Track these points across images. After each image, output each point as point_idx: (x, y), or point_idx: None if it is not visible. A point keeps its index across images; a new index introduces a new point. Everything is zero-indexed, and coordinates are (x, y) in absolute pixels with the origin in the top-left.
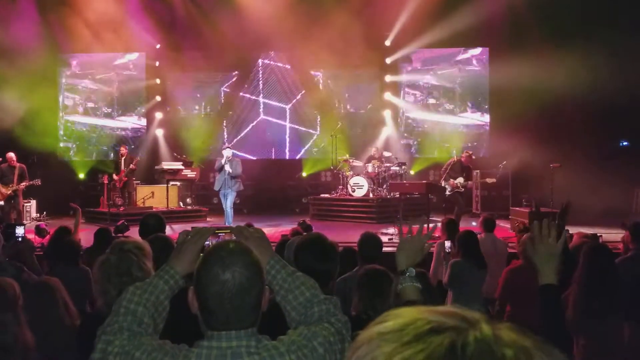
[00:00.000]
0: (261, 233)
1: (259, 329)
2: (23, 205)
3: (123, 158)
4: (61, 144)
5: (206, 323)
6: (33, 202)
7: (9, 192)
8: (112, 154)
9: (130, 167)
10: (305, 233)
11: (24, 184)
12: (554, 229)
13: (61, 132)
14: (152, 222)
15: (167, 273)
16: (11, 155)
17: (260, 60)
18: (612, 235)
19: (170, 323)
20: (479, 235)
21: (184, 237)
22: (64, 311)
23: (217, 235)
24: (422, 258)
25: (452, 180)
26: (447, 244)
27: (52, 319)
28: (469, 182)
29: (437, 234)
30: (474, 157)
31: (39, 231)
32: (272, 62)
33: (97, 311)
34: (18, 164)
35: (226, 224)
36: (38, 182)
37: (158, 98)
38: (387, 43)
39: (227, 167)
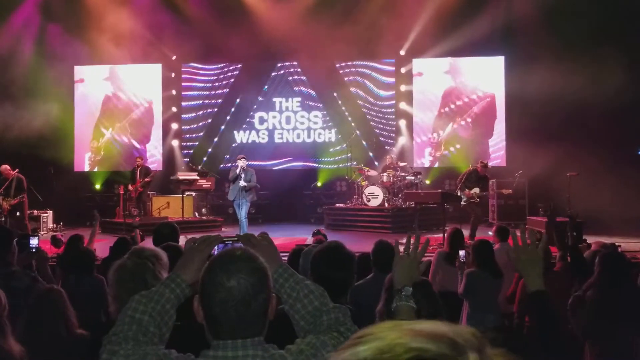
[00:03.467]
0: (269, 241)
1: (266, 338)
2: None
3: (139, 169)
4: (77, 155)
5: (212, 332)
6: (49, 213)
7: (6, 206)
8: (127, 165)
9: (146, 180)
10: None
11: (18, 198)
12: (532, 235)
13: (77, 143)
14: (166, 232)
15: (174, 281)
16: (5, 167)
17: (275, 71)
18: (632, 244)
19: (176, 332)
20: (494, 246)
21: (191, 245)
22: (63, 322)
23: (224, 243)
24: (418, 275)
25: (467, 190)
26: (462, 253)
27: (51, 328)
28: (485, 193)
29: (435, 243)
30: (489, 166)
31: (55, 241)
32: (287, 72)
33: (111, 319)
34: (16, 175)
35: (241, 233)
36: (24, 197)
37: (174, 109)
38: (402, 52)
39: (242, 178)
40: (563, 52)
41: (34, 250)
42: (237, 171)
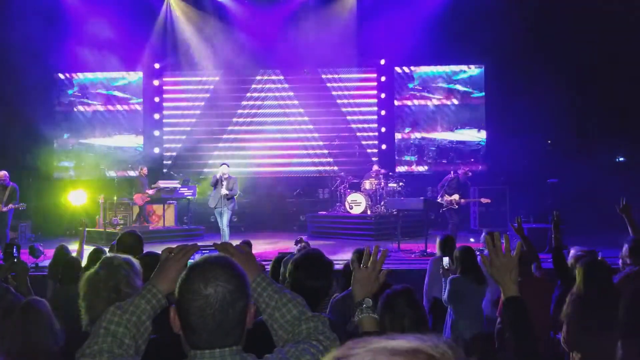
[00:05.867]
0: (247, 250)
1: (244, 347)
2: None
3: (145, 177)
4: (58, 164)
5: (189, 342)
6: (28, 223)
7: None
8: (109, 173)
9: (148, 192)
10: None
11: (10, 206)
12: (507, 241)
13: (58, 152)
14: (129, 241)
15: (149, 292)
16: (1, 173)
17: (258, 78)
18: (612, 251)
19: (152, 344)
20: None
21: (167, 254)
22: (47, 334)
23: (202, 252)
24: (378, 287)
25: (447, 196)
26: (446, 260)
27: (33, 341)
28: (463, 200)
29: (418, 250)
30: (470, 173)
31: (33, 251)
32: (269, 80)
33: (83, 331)
34: (11, 184)
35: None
36: (23, 206)
37: (156, 116)
38: (382, 62)
39: (224, 186)
40: (542, 59)
41: (15, 261)
42: (218, 178)
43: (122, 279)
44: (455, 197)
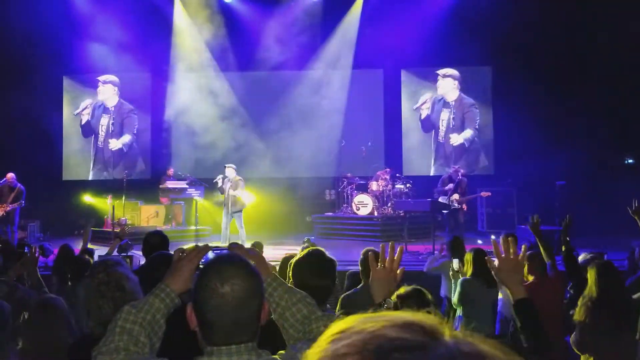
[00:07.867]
0: (257, 252)
1: (258, 344)
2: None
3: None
4: (66, 164)
5: (206, 338)
6: (37, 222)
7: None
8: (116, 173)
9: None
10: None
11: (14, 205)
12: (513, 244)
13: (66, 152)
14: (155, 241)
15: (163, 291)
16: (9, 175)
17: (265, 75)
18: (620, 253)
19: (167, 342)
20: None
21: (179, 255)
22: (65, 331)
23: (213, 252)
24: (395, 286)
25: (456, 195)
26: (456, 262)
27: (51, 339)
28: (463, 199)
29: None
30: (462, 170)
31: (43, 250)
32: (274, 79)
33: (89, 331)
34: (18, 185)
35: (239, 242)
36: (21, 204)
37: (164, 117)
38: (389, 63)
39: (229, 187)
40: (550, 62)
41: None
42: (224, 180)
43: (121, 276)
44: (455, 196)
